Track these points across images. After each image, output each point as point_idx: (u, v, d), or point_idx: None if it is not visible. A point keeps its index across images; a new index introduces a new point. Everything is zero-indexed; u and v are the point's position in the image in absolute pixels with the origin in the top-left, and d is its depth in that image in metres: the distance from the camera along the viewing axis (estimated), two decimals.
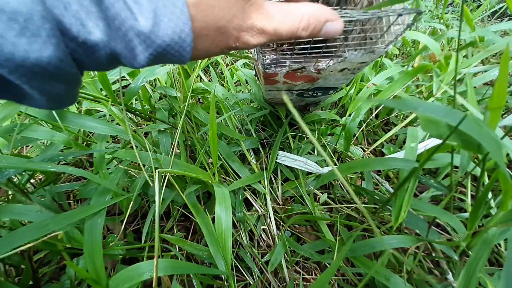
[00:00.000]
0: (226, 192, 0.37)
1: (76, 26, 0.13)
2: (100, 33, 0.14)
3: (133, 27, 0.14)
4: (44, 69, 0.13)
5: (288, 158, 0.46)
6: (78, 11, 0.13)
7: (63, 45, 0.13)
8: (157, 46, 0.15)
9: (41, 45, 0.12)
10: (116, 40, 0.14)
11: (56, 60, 0.13)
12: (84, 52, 0.14)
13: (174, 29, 0.15)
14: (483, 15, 0.87)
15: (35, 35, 0.12)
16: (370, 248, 0.30)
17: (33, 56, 0.12)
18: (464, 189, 0.46)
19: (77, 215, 0.29)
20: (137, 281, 0.28)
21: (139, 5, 0.14)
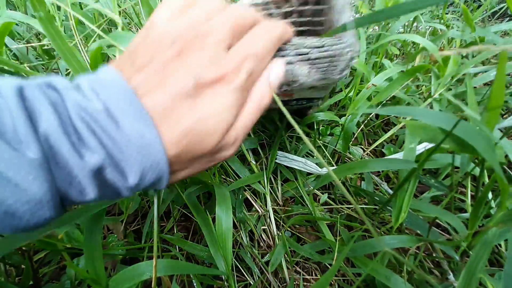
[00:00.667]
0: (226, 192, 0.37)
1: (76, 194, 0.15)
2: (93, 195, 0.16)
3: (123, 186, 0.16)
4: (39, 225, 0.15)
5: (287, 159, 0.46)
6: (80, 183, 0.15)
7: (59, 206, 0.15)
8: (138, 190, 0.18)
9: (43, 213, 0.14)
10: (106, 196, 0.17)
11: (52, 218, 0.15)
12: (74, 202, 0.16)
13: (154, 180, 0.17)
14: (483, 15, 0.88)
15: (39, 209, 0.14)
16: (370, 248, 0.30)
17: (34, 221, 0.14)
18: (464, 189, 0.46)
19: (77, 215, 0.29)
20: (137, 281, 0.28)
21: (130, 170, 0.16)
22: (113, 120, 0.16)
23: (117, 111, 0.16)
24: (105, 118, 0.16)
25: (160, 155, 0.17)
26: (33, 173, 0.13)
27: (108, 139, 0.15)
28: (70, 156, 0.14)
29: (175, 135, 0.17)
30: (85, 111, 0.15)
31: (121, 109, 0.16)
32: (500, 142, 0.22)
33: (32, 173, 0.13)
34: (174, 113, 0.17)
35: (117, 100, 0.16)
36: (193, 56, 0.18)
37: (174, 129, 0.17)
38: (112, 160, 0.16)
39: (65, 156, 0.14)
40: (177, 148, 0.18)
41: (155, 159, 0.17)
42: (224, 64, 0.19)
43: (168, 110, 0.17)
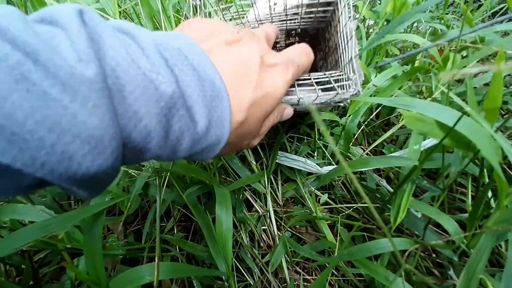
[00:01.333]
0: (226, 192, 0.37)
1: (139, 139, 0.14)
2: (156, 145, 0.15)
3: (185, 140, 0.16)
4: (98, 177, 0.13)
5: (287, 158, 0.46)
6: (146, 126, 0.13)
7: (121, 155, 0.13)
8: (197, 149, 0.17)
9: (103, 161, 0.12)
10: (166, 149, 0.16)
11: (110, 169, 0.13)
12: (134, 154, 0.15)
13: (214, 140, 0.18)
14: (483, 15, 0.87)
15: (100, 153, 0.12)
16: (368, 251, 0.30)
17: (93, 170, 0.12)
18: (465, 189, 0.46)
19: (77, 215, 0.29)
20: (137, 284, 0.28)
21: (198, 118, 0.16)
22: (188, 60, 0.15)
23: (190, 54, 0.16)
24: (180, 55, 0.15)
25: (227, 112, 0.17)
26: (93, 99, 0.11)
27: (183, 74, 0.15)
28: (142, 86, 0.13)
29: (244, 102, 0.19)
30: (160, 44, 0.15)
31: (194, 54, 0.16)
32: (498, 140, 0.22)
33: (91, 99, 0.11)
34: (242, 82, 0.19)
35: (189, 48, 0.16)
36: (252, 42, 0.21)
37: (242, 98, 0.19)
38: (183, 98, 0.15)
39: (136, 87, 0.13)
40: (242, 117, 0.19)
41: (221, 114, 0.17)
42: (277, 56, 0.22)
43: (237, 77, 0.19)
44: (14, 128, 0.09)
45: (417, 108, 0.22)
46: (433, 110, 0.21)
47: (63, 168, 0.11)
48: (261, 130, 0.24)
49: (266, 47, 0.23)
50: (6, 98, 0.09)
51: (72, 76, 0.11)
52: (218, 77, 0.17)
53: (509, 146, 0.21)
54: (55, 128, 0.10)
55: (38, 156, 0.10)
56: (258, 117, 0.21)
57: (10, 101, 0.09)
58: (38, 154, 0.10)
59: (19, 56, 0.10)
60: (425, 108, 0.22)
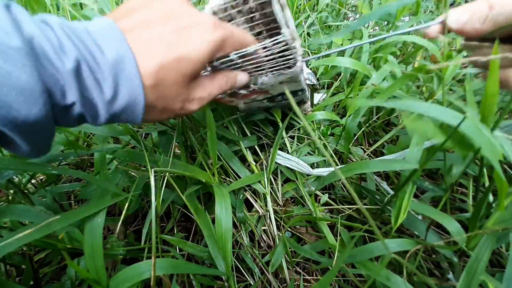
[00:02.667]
0: (226, 193, 0.37)
1: (60, 95, 0.17)
2: (74, 98, 0.18)
3: (98, 96, 0.19)
4: (36, 126, 0.17)
5: (281, 157, 0.46)
6: (64, 86, 0.17)
7: (49, 108, 0.17)
8: (112, 111, 0.20)
9: (38, 111, 0.16)
10: (86, 108, 0.19)
11: (45, 119, 0.17)
12: (61, 113, 0.18)
13: (128, 103, 0.20)
14: None
15: (34, 103, 0.16)
16: (369, 253, 0.30)
17: (31, 117, 0.16)
18: (466, 189, 0.46)
19: (77, 215, 0.29)
20: (137, 280, 0.28)
21: (104, 79, 0.18)
22: (91, 36, 0.18)
23: (95, 30, 0.19)
24: (84, 33, 0.18)
25: (134, 72, 0.19)
26: (22, 61, 0.15)
27: (84, 48, 0.18)
28: (52, 56, 0.16)
29: (151, 65, 0.20)
30: (67, 26, 0.18)
31: (100, 30, 0.19)
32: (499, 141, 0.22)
33: (20, 61, 0.15)
34: (153, 47, 0.20)
35: (98, 25, 0.19)
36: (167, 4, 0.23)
37: (150, 61, 0.20)
38: (87, 65, 0.18)
39: (47, 56, 0.16)
40: (152, 79, 0.20)
41: (128, 75, 0.19)
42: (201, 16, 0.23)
43: (147, 44, 0.20)
44: None
45: (418, 109, 0.22)
46: (433, 112, 0.21)
47: (5, 113, 0.15)
48: (192, 94, 0.24)
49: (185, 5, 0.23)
50: None
51: (3, 44, 0.14)
52: (123, 43, 0.19)
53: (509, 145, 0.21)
54: None
55: None
56: (174, 80, 0.21)
57: None
58: None
59: None
60: (426, 109, 0.21)
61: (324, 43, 0.70)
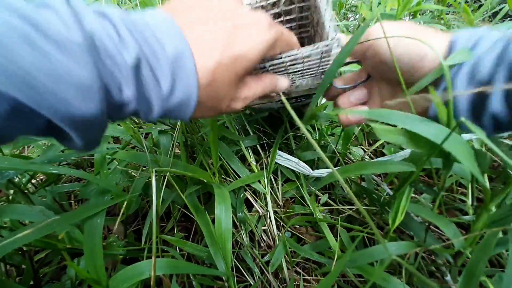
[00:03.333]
0: (226, 193, 0.37)
1: (117, 92, 0.17)
2: (131, 98, 0.18)
3: (156, 92, 0.19)
4: (92, 122, 0.17)
5: (281, 157, 0.46)
6: (121, 82, 0.17)
7: (105, 104, 0.17)
8: (166, 107, 0.20)
9: (94, 107, 0.16)
10: (141, 103, 0.19)
11: (101, 115, 0.17)
12: (115, 109, 0.18)
13: (182, 99, 0.20)
14: (484, 15, 0.87)
15: (92, 99, 0.16)
16: (369, 257, 0.30)
17: (88, 114, 0.16)
18: (465, 189, 0.46)
19: (77, 215, 0.29)
20: (136, 280, 0.28)
21: (163, 76, 0.18)
22: (151, 29, 0.18)
23: (155, 24, 0.19)
24: (144, 27, 0.18)
25: (192, 70, 0.19)
26: (83, 58, 0.15)
27: (145, 43, 0.18)
28: (113, 52, 0.16)
29: (209, 63, 0.20)
30: (127, 20, 0.17)
31: (160, 24, 0.19)
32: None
33: (82, 57, 0.15)
34: (211, 45, 0.20)
35: (157, 18, 0.19)
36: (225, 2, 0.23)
37: (208, 59, 0.20)
38: (147, 61, 0.18)
39: (109, 52, 0.16)
40: (209, 78, 0.20)
41: (186, 72, 0.19)
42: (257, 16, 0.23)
43: (204, 38, 0.20)
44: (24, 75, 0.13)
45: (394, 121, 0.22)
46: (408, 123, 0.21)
47: (64, 109, 0.15)
48: (239, 94, 0.24)
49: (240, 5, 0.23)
50: (15, 52, 0.13)
51: (65, 40, 0.14)
52: (182, 40, 0.19)
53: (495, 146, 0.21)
54: (54, 77, 0.14)
55: (44, 98, 0.14)
56: (229, 79, 0.22)
57: (18, 54, 0.13)
58: (44, 97, 0.14)
59: (23, 24, 0.13)
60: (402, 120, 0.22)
61: None
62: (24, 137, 0.18)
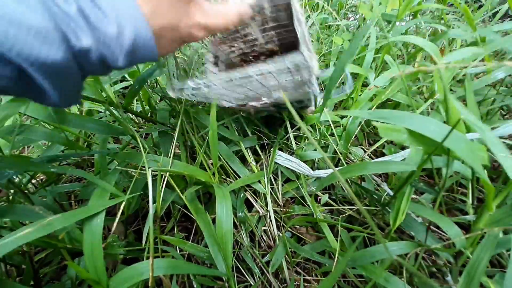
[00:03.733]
0: (226, 193, 0.37)
1: (74, 37, 0.18)
2: (90, 41, 0.19)
3: (106, 35, 0.19)
4: (58, 68, 0.18)
5: (282, 157, 0.46)
6: (75, 28, 0.18)
7: (68, 50, 0.18)
8: (127, 47, 0.20)
9: (56, 50, 0.17)
10: (102, 46, 0.19)
11: (66, 61, 0.18)
12: (82, 57, 0.19)
13: (135, 35, 0.20)
14: (484, 16, 0.87)
15: (52, 43, 0.17)
16: (370, 257, 0.30)
17: (51, 58, 0.17)
18: (465, 189, 0.46)
19: (77, 215, 0.29)
20: (137, 280, 0.28)
21: (108, 18, 0.19)
22: None
23: None
24: None
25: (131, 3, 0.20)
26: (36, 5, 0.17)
27: None
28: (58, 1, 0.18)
29: None
30: None
31: None
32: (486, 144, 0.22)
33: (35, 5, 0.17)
34: None
35: None
36: None
37: None
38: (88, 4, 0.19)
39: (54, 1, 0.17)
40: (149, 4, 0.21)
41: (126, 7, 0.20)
42: None
43: None
44: None
45: (394, 120, 0.22)
46: (408, 122, 0.22)
47: (28, 52, 0.16)
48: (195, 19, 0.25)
49: None
50: None
51: None
52: None
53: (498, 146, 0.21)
54: (15, 23, 0.16)
55: (11, 43, 0.16)
56: (172, 5, 0.23)
57: None
58: (11, 41, 0.16)
59: None
60: (402, 120, 0.22)
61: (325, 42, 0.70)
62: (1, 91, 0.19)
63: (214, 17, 0.26)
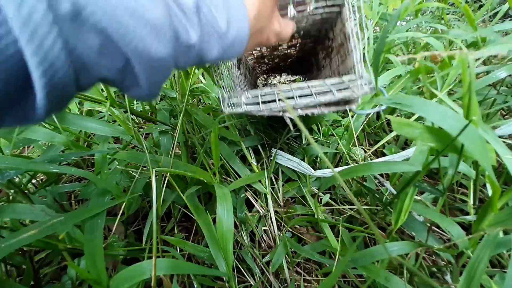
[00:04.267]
0: (227, 192, 0.37)
1: (184, 34, 0.19)
2: (196, 38, 0.19)
3: (216, 31, 0.21)
4: (160, 63, 0.18)
5: (283, 157, 0.46)
6: (186, 24, 0.19)
7: (174, 46, 0.18)
8: (225, 44, 0.22)
9: (165, 46, 0.17)
10: (206, 41, 0.20)
11: (169, 56, 0.18)
12: (184, 52, 0.20)
13: (237, 34, 0.22)
14: (484, 16, 0.87)
15: (163, 39, 0.17)
16: (371, 257, 0.30)
17: (159, 53, 0.17)
18: (466, 190, 0.46)
19: (78, 215, 0.29)
20: (137, 280, 0.28)
21: (219, 13, 0.20)
22: None
23: None
24: None
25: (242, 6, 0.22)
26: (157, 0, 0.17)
27: None
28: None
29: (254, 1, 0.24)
30: None
31: None
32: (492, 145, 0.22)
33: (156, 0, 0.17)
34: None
35: None
36: None
37: None
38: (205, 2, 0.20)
39: None
40: (255, 11, 0.24)
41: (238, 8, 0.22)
42: None
43: None
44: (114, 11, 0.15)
45: (416, 108, 0.22)
46: (431, 112, 0.21)
47: (142, 48, 0.16)
48: (273, 27, 0.29)
49: None
50: None
51: None
52: None
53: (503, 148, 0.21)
54: (134, 15, 0.15)
55: (127, 32, 0.15)
56: (268, 11, 0.26)
57: None
58: (127, 30, 0.15)
59: None
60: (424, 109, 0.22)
61: None
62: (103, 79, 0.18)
63: (285, 26, 0.31)
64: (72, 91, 0.16)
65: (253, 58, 0.57)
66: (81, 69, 0.16)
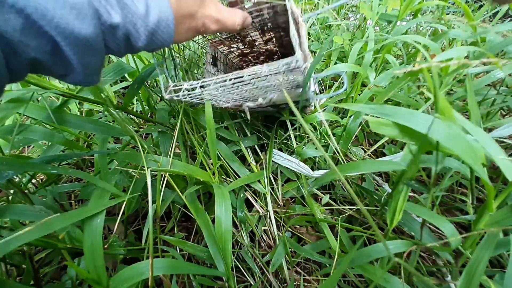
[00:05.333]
0: (226, 192, 0.37)
1: (105, 13, 0.20)
2: (119, 18, 0.21)
3: (135, 12, 0.21)
4: (87, 43, 0.19)
5: (281, 158, 0.46)
6: (106, 5, 0.20)
7: (99, 26, 0.20)
8: (150, 27, 0.22)
9: (88, 25, 0.19)
10: (129, 23, 0.21)
11: (95, 36, 0.20)
12: (110, 33, 0.21)
13: (160, 16, 0.23)
14: (484, 16, 0.87)
15: (84, 18, 0.18)
16: (369, 256, 0.30)
17: (83, 32, 0.19)
18: (465, 190, 0.46)
19: (77, 215, 0.29)
20: (137, 280, 0.28)
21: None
22: None
23: None
24: None
25: None
26: None
27: None
28: None
29: None
30: None
31: None
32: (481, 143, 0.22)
33: None
34: None
35: None
36: None
37: None
38: None
39: None
40: None
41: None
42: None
43: None
44: None
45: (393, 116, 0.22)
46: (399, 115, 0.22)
47: (64, 26, 0.18)
48: (209, 12, 0.28)
49: None
50: None
51: None
52: None
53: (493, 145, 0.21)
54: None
55: (51, 16, 0.17)
56: None
57: None
58: (51, 14, 0.17)
59: None
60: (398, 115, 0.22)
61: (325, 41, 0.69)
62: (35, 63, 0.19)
63: (225, 13, 0.30)
64: (4, 74, 0.18)
65: (235, 56, 0.57)
66: (8, 49, 0.17)
